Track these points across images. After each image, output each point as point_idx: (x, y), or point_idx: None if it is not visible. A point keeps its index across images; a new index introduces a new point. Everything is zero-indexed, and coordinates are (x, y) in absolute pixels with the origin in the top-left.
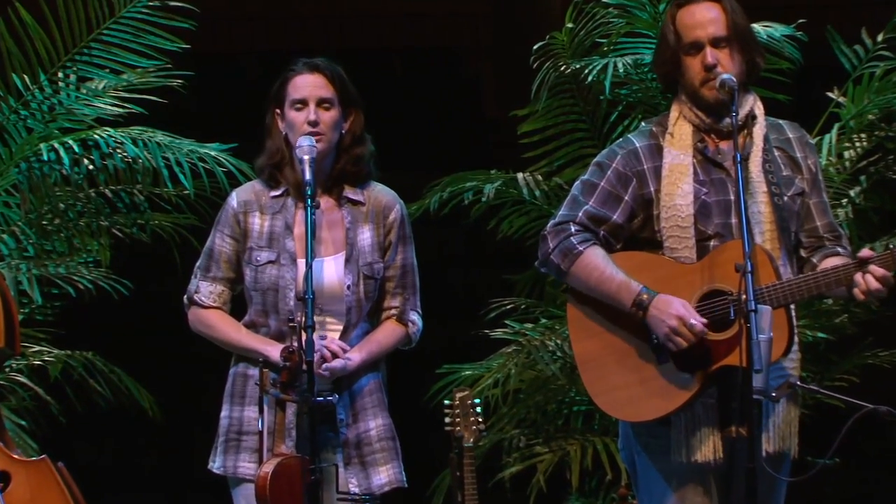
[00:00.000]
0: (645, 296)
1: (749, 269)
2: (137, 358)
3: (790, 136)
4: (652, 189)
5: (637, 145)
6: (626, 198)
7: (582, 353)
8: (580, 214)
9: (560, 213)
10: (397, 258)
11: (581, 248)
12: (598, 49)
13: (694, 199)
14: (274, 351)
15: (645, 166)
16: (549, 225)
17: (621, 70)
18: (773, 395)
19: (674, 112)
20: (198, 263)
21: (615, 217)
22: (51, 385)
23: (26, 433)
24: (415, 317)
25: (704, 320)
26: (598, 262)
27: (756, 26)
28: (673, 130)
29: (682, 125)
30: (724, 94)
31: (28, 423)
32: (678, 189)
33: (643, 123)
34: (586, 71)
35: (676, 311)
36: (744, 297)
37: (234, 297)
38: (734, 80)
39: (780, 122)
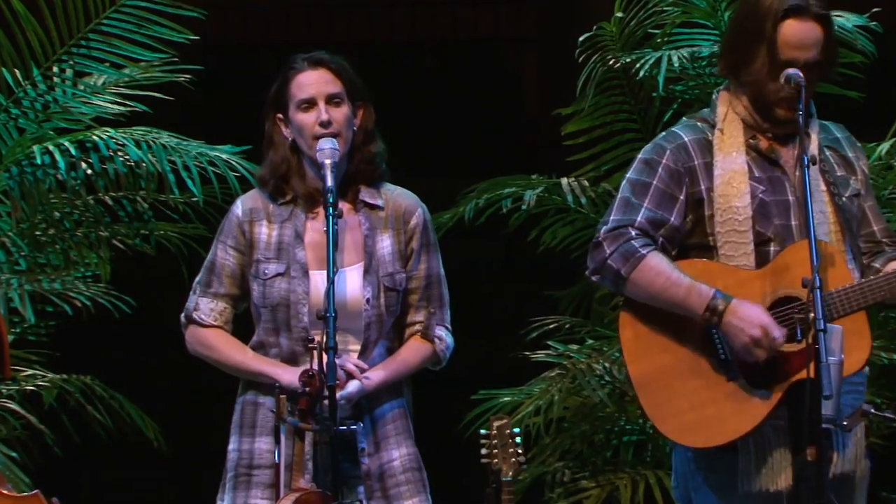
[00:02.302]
0: (720, 300)
1: (818, 284)
2: (141, 383)
3: (838, 135)
4: (703, 188)
5: (686, 139)
6: (681, 197)
7: (640, 375)
8: (639, 218)
9: (613, 217)
10: (420, 267)
11: (644, 252)
12: (650, 41)
13: (751, 198)
14: (285, 374)
15: (696, 162)
16: (602, 230)
17: (676, 64)
18: (845, 423)
19: (722, 107)
20: (197, 278)
21: (672, 219)
22: (45, 413)
23: (17, 466)
24: (442, 332)
25: (785, 331)
26: (663, 267)
27: None
28: (723, 126)
29: (733, 122)
30: (790, 90)
31: (20, 455)
32: (734, 189)
33: (685, 118)
34: (637, 65)
35: (760, 319)
36: (811, 315)
37: (237, 316)
38: (801, 75)
39: (825, 122)
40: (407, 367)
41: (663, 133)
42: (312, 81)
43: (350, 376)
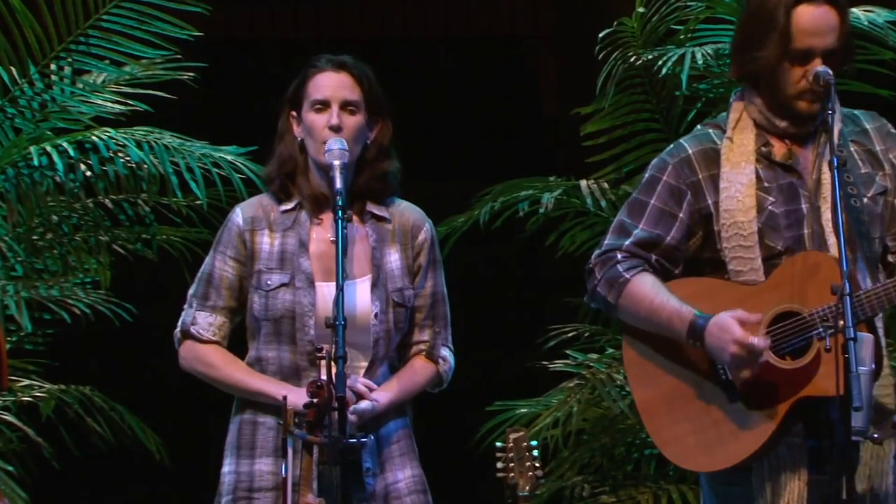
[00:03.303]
0: (700, 321)
1: (848, 290)
2: (142, 394)
3: (867, 126)
4: (710, 202)
5: (690, 151)
6: (681, 215)
7: (644, 401)
8: (628, 242)
9: (606, 241)
10: (427, 285)
11: (628, 276)
12: (673, 37)
13: (758, 212)
14: (290, 395)
15: (700, 176)
16: (594, 255)
17: (700, 61)
18: (876, 436)
19: (734, 113)
20: (192, 290)
21: (669, 238)
22: (42, 425)
23: (14, 480)
24: (446, 353)
25: (766, 340)
26: (646, 291)
27: (856, 11)
28: (732, 135)
29: (744, 128)
30: (818, 88)
31: (16, 469)
32: (739, 203)
33: (699, 126)
34: (660, 62)
35: (733, 333)
36: (841, 322)
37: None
38: (830, 72)
39: (856, 112)
40: (414, 387)
41: (671, 145)
42: (330, 83)
43: (360, 397)
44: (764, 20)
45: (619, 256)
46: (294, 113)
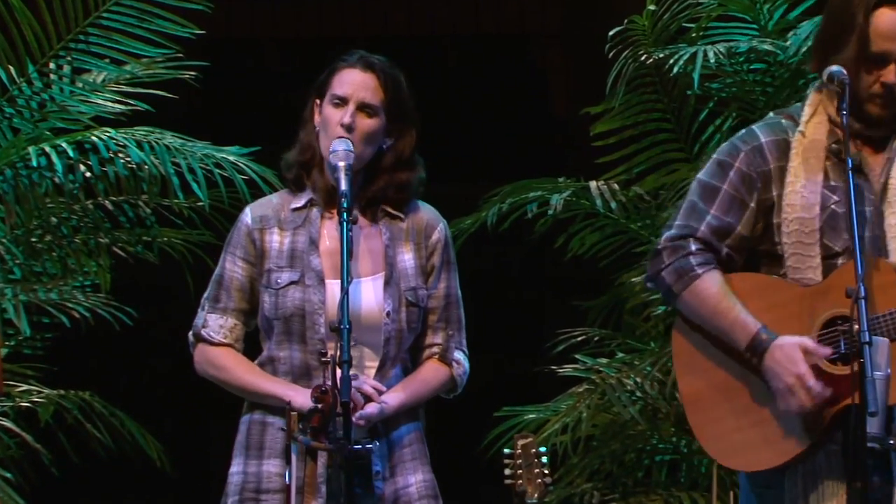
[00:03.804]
0: (764, 337)
1: (862, 294)
2: (143, 399)
3: None
4: (775, 194)
5: (762, 140)
6: (752, 204)
7: (690, 391)
8: (702, 227)
9: (677, 222)
10: (440, 286)
11: (699, 272)
12: (684, 35)
13: (821, 209)
14: (297, 396)
15: (771, 166)
16: (664, 237)
17: (712, 60)
18: (892, 442)
19: (810, 107)
20: (205, 294)
21: (740, 227)
22: (41, 431)
23: (12, 487)
24: (460, 356)
25: (823, 390)
26: (713, 291)
27: None
28: (805, 129)
29: (818, 123)
30: (834, 88)
31: (14, 476)
32: (803, 199)
33: (771, 114)
34: (671, 61)
35: (796, 367)
36: (856, 327)
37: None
38: (844, 72)
39: None
40: (426, 391)
41: (742, 131)
42: (354, 81)
43: (368, 399)
44: (843, 21)
45: (693, 247)
46: (318, 101)
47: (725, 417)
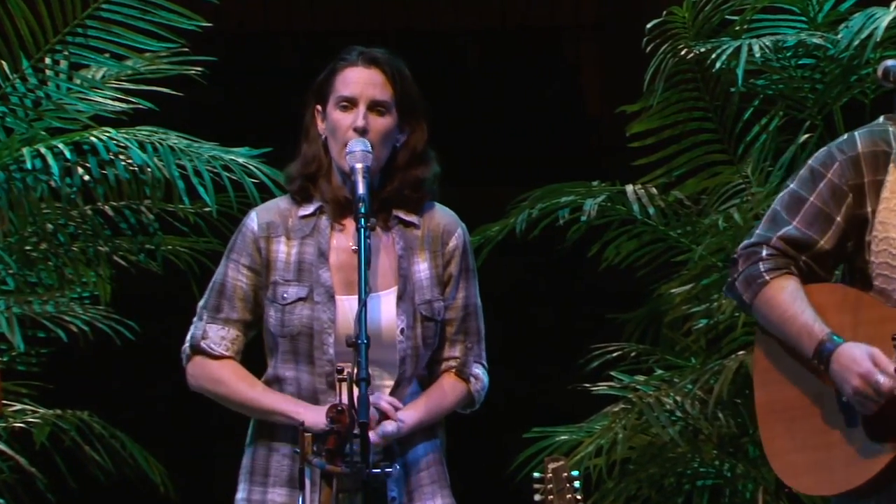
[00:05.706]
0: (829, 345)
1: None
2: (144, 419)
3: None
4: (869, 210)
5: (860, 150)
6: (839, 218)
7: (763, 404)
8: (776, 237)
9: (757, 231)
10: (459, 296)
11: (767, 278)
12: (728, 28)
13: None
14: (308, 413)
15: (865, 179)
16: (742, 245)
17: (757, 54)
18: None
19: None
20: (202, 302)
21: (823, 242)
22: (36, 453)
23: None
24: (479, 371)
25: (892, 381)
26: (783, 297)
27: None
28: None
29: None
30: (887, 84)
31: (7, 501)
32: (895, 217)
33: (881, 118)
34: (713, 56)
35: (859, 366)
36: None
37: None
38: None
39: None
40: (443, 407)
41: (843, 136)
42: (360, 80)
43: (384, 416)
44: None
45: (765, 253)
46: (319, 107)
47: (794, 436)
